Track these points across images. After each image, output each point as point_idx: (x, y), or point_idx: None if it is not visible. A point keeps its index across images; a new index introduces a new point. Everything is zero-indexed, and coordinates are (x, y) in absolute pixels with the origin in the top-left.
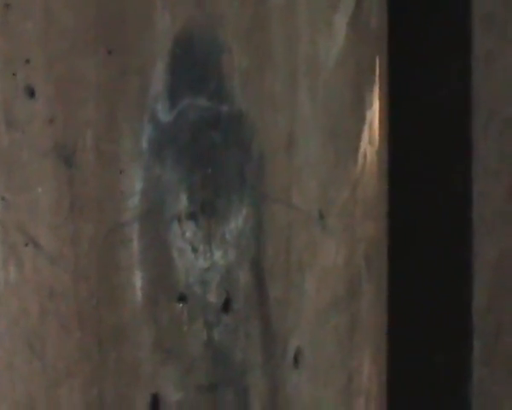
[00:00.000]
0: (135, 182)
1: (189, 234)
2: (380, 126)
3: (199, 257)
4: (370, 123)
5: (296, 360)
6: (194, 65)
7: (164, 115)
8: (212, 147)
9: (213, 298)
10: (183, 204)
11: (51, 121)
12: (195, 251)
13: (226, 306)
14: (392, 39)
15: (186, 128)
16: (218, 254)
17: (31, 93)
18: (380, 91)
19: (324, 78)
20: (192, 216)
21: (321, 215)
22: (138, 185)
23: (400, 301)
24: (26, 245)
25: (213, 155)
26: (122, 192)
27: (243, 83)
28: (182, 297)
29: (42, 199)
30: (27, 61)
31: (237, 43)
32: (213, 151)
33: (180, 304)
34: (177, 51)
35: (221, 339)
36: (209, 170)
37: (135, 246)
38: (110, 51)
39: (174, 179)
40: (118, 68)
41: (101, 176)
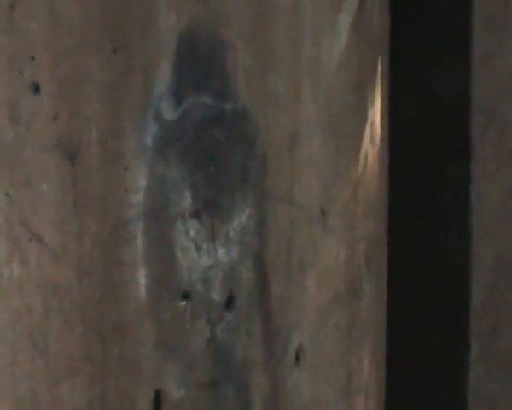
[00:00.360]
0: (139, 179)
1: (193, 232)
2: (381, 126)
3: (202, 255)
4: (372, 123)
5: (297, 358)
6: (198, 63)
7: (168, 113)
8: (216, 145)
9: (217, 296)
10: (187, 202)
11: (56, 118)
12: (199, 249)
13: (229, 303)
14: (392, 39)
15: (190, 126)
16: (222, 251)
17: (36, 90)
18: (381, 91)
19: (327, 77)
20: (196, 214)
21: (322, 213)
22: (142, 183)
23: (398, 300)
24: (30, 241)
25: (217, 154)
26: (126, 189)
27: (247, 81)
28: (185, 295)
29: (46, 195)
30: (33, 59)
31: (241, 42)
32: (217, 149)
33: (183, 302)
34: (182, 50)
35: (223, 337)
36: (213, 168)
37: (139, 243)
38: (115, 49)
39: (178, 177)
40: (122, 66)
41: (105, 173)
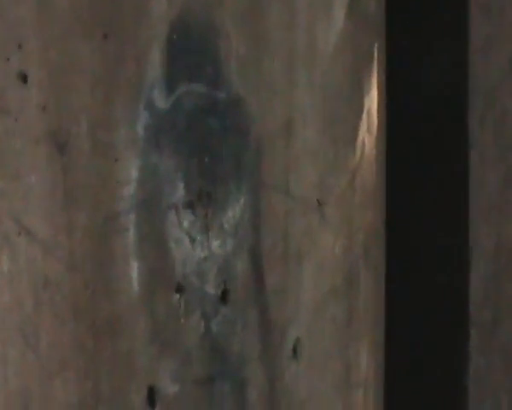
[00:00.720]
0: (131, 170)
1: (187, 224)
2: (378, 114)
3: (196, 247)
4: (368, 111)
5: (294, 351)
6: (191, 51)
7: (160, 102)
8: (210, 134)
9: (211, 289)
10: (180, 193)
11: (44, 108)
12: (193, 241)
13: (224, 296)
14: (388, 26)
15: (183, 115)
16: (216, 243)
17: (23, 79)
18: (378, 79)
19: (322, 64)
20: (189, 205)
21: (319, 204)
22: (134, 174)
23: (397, 291)
24: (19, 234)
25: (210, 143)
26: (117, 181)
27: (240, 69)
28: (179, 288)
29: (35, 187)
30: (20, 47)
31: (235, 28)
32: (210, 139)
33: (177, 295)
34: (174, 37)
35: (219, 331)
36: (206, 158)
37: (131, 236)
38: (106, 36)
39: (171, 168)
40: (113, 54)
41: (95, 164)
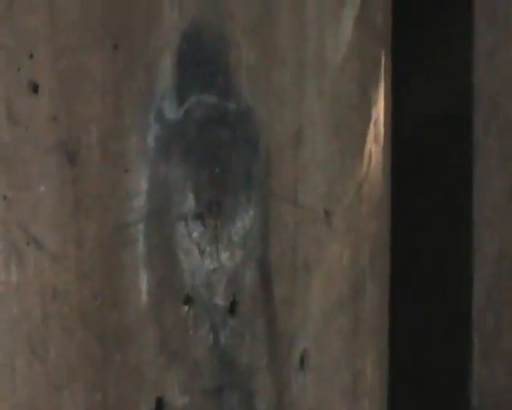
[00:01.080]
0: (140, 181)
1: (196, 235)
2: (384, 124)
3: (205, 258)
4: (376, 120)
5: (302, 362)
6: (201, 61)
7: (171, 113)
8: (220, 145)
9: (220, 300)
10: (190, 204)
11: (55, 118)
12: (202, 252)
13: (233, 308)
14: (394, 34)
15: (193, 126)
16: (225, 255)
17: (34, 89)
18: (385, 87)
19: (331, 74)
20: (199, 216)
21: (327, 214)
22: (144, 185)
23: (400, 297)
24: (28, 244)
25: (220, 154)
26: (127, 191)
27: (250, 79)
28: (188, 299)
29: (45, 197)
30: (31, 56)
31: (245, 38)
32: (220, 149)
33: (186, 306)
34: (185, 47)
35: (227, 342)
36: (216, 169)
37: (140, 246)
38: (116, 46)
39: (181, 179)
40: (124, 64)
41: (105, 174)
